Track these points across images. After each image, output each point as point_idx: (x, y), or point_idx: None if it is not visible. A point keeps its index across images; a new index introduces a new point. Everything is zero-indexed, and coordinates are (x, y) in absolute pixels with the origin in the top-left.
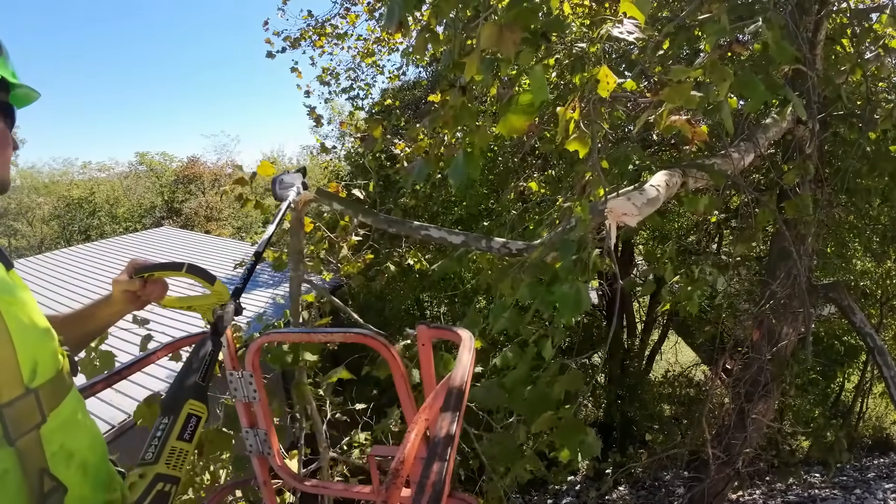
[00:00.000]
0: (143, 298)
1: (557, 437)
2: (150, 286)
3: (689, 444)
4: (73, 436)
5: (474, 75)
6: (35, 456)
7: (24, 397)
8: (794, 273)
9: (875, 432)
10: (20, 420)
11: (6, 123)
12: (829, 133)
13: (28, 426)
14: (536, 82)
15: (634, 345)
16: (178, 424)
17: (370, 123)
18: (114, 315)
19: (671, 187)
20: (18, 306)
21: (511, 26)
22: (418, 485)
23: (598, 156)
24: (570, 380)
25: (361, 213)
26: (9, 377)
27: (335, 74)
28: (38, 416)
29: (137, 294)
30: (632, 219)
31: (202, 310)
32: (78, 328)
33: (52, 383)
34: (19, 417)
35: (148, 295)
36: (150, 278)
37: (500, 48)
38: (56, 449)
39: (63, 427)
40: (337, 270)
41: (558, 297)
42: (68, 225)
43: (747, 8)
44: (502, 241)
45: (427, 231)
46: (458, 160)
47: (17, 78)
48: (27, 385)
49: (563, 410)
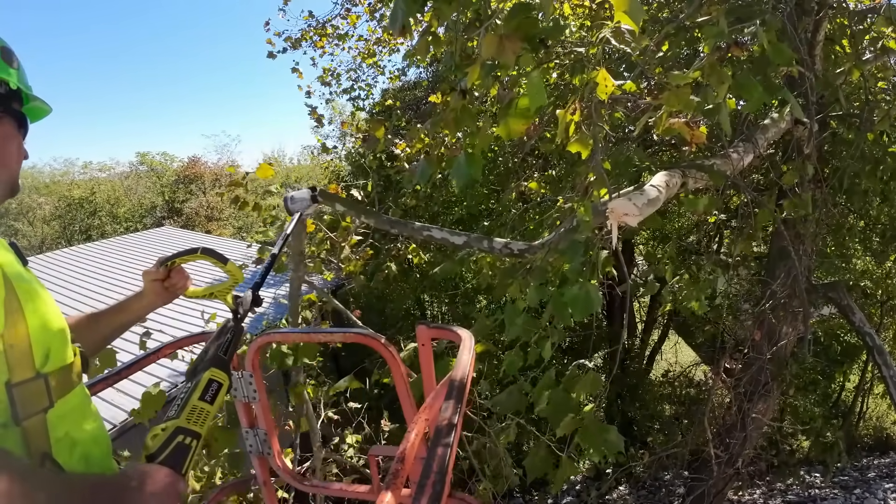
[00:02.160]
0: (170, 289)
1: (582, 438)
2: (175, 276)
3: (690, 443)
4: (78, 426)
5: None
6: (40, 438)
7: (34, 380)
8: (794, 273)
9: (875, 432)
10: (29, 401)
11: (20, 133)
12: (828, 133)
13: (36, 408)
14: (534, 88)
15: (635, 345)
16: (201, 386)
17: (372, 124)
18: (145, 307)
19: (671, 188)
20: (35, 296)
21: (511, 36)
22: (418, 485)
23: (601, 158)
24: (591, 383)
25: (364, 214)
26: (22, 358)
27: (336, 75)
28: (47, 400)
29: (164, 284)
30: (633, 219)
31: (222, 296)
32: (115, 319)
33: (63, 373)
34: (28, 398)
35: (174, 285)
36: (173, 267)
37: (500, 58)
38: (61, 435)
39: (69, 416)
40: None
41: (569, 298)
42: (69, 225)
43: (746, 10)
44: (504, 242)
45: (429, 232)
46: (461, 161)
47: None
48: (38, 369)
49: (584, 411)
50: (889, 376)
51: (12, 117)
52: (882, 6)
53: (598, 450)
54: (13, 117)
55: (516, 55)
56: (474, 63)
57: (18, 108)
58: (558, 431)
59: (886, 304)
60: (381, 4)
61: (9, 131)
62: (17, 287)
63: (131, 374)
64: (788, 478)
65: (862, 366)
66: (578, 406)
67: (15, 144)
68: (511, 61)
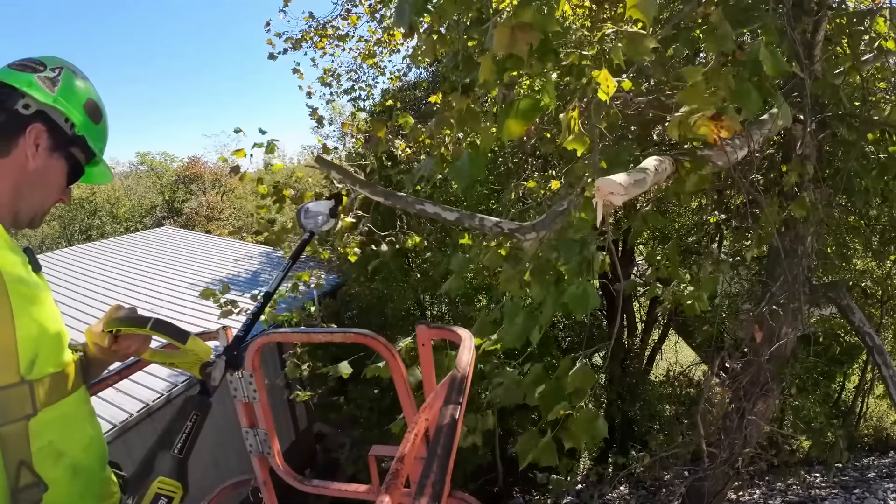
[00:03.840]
0: (119, 353)
1: (574, 427)
2: (123, 342)
3: (690, 443)
4: (66, 436)
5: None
6: (18, 446)
7: (16, 386)
8: (794, 273)
9: (875, 432)
10: (8, 407)
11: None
12: (827, 133)
13: (16, 415)
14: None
15: (635, 345)
16: None
17: (375, 125)
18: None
19: (660, 172)
20: (33, 301)
21: (523, 27)
22: (418, 485)
23: (598, 157)
24: (583, 376)
25: (359, 184)
26: (4, 362)
27: (336, 76)
28: (30, 407)
29: (112, 349)
30: (618, 198)
31: (185, 366)
32: None
33: (52, 380)
34: (8, 404)
35: (125, 349)
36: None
37: (513, 49)
38: (43, 444)
39: (56, 424)
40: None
41: (568, 297)
42: (69, 225)
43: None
44: (495, 221)
45: (422, 206)
46: (463, 161)
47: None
48: (23, 375)
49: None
50: (889, 376)
51: (65, 159)
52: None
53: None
54: (66, 160)
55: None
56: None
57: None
58: (549, 416)
59: (887, 304)
60: (382, 5)
61: (56, 168)
62: (13, 291)
63: (131, 373)
64: (788, 478)
65: (862, 366)
66: (571, 397)
67: (55, 180)
68: (524, 53)
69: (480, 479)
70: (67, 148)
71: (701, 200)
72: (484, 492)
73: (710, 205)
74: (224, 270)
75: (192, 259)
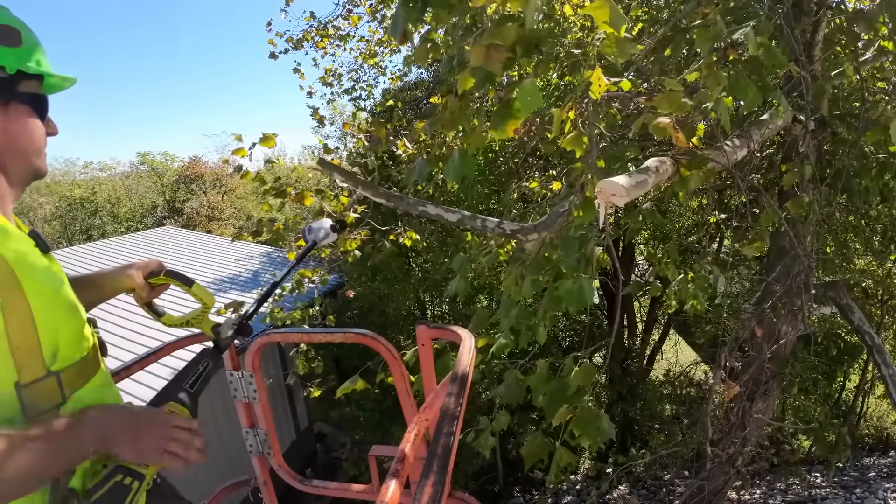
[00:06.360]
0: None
1: (576, 426)
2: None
3: (690, 443)
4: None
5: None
6: None
7: (44, 379)
8: (794, 272)
9: (875, 432)
10: (39, 400)
11: (36, 114)
12: (827, 133)
13: (46, 406)
14: (526, 94)
15: (635, 344)
16: None
17: (376, 125)
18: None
19: (661, 173)
20: (48, 292)
21: (497, 46)
22: (418, 485)
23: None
24: (585, 373)
25: (361, 186)
26: (30, 360)
27: (337, 76)
28: (59, 397)
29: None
30: (620, 199)
31: (198, 324)
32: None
33: (77, 365)
34: (38, 398)
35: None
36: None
37: (487, 66)
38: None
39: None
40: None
41: (563, 292)
42: (70, 225)
43: (741, 10)
44: (496, 221)
45: (424, 207)
46: (455, 159)
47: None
48: (48, 367)
49: (575, 399)
50: (888, 375)
51: (21, 102)
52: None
53: (591, 437)
54: (22, 101)
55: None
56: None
57: (32, 89)
58: (553, 421)
59: (887, 304)
60: (382, 5)
61: (18, 118)
62: (29, 288)
63: (132, 373)
64: (789, 477)
65: (862, 365)
66: (573, 396)
67: (28, 130)
68: (498, 70)
69: (480, 479)
70: (12, 90)
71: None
72: (484, 492)
73: (710, 205)
74: (225, 270)
75: (193, 259)
